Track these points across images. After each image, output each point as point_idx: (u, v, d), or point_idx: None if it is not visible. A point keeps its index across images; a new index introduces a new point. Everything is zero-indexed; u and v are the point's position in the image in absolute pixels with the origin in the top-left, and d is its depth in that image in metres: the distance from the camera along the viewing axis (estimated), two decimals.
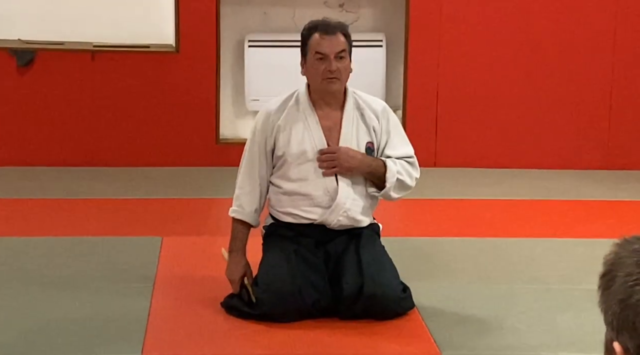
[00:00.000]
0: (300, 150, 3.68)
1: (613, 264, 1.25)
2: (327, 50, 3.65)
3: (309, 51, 3.68)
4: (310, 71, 3.69)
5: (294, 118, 3.70)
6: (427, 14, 6.06)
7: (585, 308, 3.80)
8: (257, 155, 3.73)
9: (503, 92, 6.15)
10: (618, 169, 6.12)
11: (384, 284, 3.63)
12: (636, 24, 6.10)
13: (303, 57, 3.72)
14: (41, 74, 5.97)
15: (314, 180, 3.68)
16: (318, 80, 3.67)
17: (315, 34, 3.68)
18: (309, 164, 3.68)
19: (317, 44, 3.66)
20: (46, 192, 5.44)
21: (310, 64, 3.68)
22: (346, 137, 3.70)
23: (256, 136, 3.74)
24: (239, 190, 3.78)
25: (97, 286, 3.99)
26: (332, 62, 3.64)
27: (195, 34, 6.00)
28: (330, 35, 3.67)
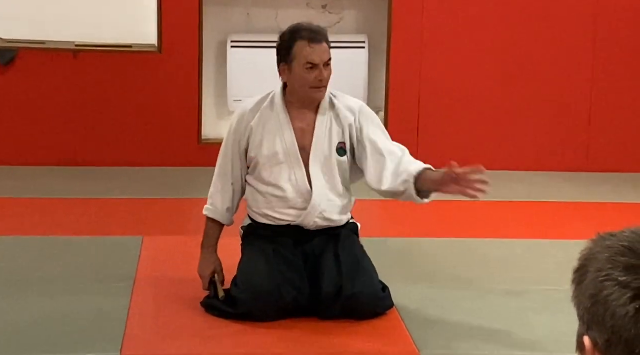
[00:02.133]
0: (271, 153, 3.68)
1: (586, 259, 1.28)
2: (318, 59, 3.62)
3: (296, 59, 3.62)
4: (296, 79, 3.65)
5: (267, 119, 3.70)
6: (410, 16, 6.08)
7: (562, 309, 3.81)
8: (231, 155, 3.74)
9: (484, 94, 6.18)
10: (598, 171, 6.16)
11: (363, 284, 3.64)
12: (616, 26, 6.14)
13: (285, 63, 3.67)
14: (23, 73, 5.96)
15: (286, 183, 3.69)
16: (305, 88, 3.65)
17: (301, 42, 3.63)
18: (281, 167, 3.68)
19: (308, 54, 3.62)
20: (26, 192, 5.43)
21: (298, 72, 3.63)
22: (319, 139, 3.70)
23: (231, 136, 3.75)
24: (213, 189, 3.81)
25: (77, 285, 3.98)
26: (323, 71, 3.63)
27: (178, 34, 6.00)
28: (318, 44, 3.64)
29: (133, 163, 6.01)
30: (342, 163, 3.73)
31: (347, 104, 3.76)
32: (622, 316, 1.21)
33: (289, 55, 3.64)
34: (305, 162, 3.70)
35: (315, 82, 3.63)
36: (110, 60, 5.99)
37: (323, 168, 3.71)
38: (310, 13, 6.24)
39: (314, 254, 3.71)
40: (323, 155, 3.71)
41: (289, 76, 3.67)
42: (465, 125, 6.19)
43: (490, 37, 6.12)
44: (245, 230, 3.83)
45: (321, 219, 3.70)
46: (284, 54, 3.66)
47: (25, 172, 5.81)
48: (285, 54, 3.66)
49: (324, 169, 3.71)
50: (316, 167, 3.70)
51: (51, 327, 3.57)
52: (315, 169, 3.70)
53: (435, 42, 6.13)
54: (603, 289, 1.23)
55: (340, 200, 3.75)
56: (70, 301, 3.82)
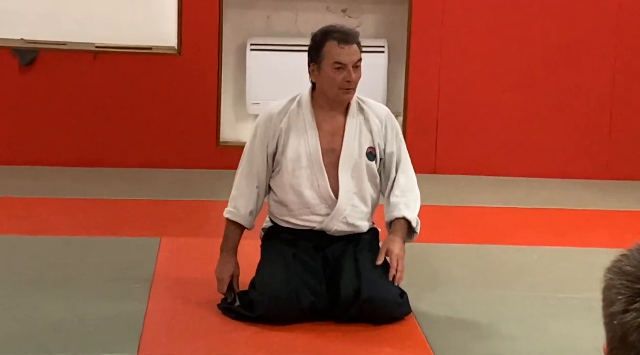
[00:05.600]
0: (295, 156, 3.66)
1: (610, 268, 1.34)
2: (347, 60, 3.60)
3: (325, 59, 3.61)
4: (325, 79, 3.63)
5: (295, 122, 3.68)
6: (430, 21, 6.07)
7: (580, 316, 3.81)
8: (258, 158, 3.69)
9: (504, 99, 6.16)
10: (618, 179, 6.13)
11: (381, 288, 3.63)
12: (637, 34, 6.12)
13: (315, 64, 3.65)
14: (43, 74, 5.99)
15: (308, 190, 3.66)
16: (334, 89, 3.63)
17: (332, 42, 3.61)
18: (302, 171, 3.66)
19: (337, 53, 3.60)
20: (46, 192, 5.45)
21: (327, 73, 3.61)
22: (349, 142, 3.68)
23: (257, 138, 3.70)
24: (235, 192, 3.76)
25: (95, 286, 3.99)
26: (352, 73, 3.60)
27: (197, 37, 6.02)
28: (349, 44, 3.61)
29: (152, 165, 6.03)
30: (371, 168, 3.72)
31: (375, 111, 3.76)
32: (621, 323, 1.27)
33: (318, 56, 3.62)
34: (334, 165, 3.67)
35: (344, 83, 3.61)
36: (130, 62, 6.01)
37: (352, 172, 3.69)
38: (330, 17, 6.24)
39: (334, 258, 3.70)
40: (353, 159, 3.69)
41: (317, 76, 3.65)
42: (484, 130, 6.18)
43: (510, 42, 6.10)
44: (266, 232, 3.82)
45: (344, 224, 3.69)
46: (314, 54, 3.64)
47: (44, 172, 5.83)
48: (315, 54, 3.64)
49: (353, 173, 3.69)
50: (346, 171, 3.68)
51: (68, 327, 3.58)
52: (345, 173, 3.68)
53: (454, 48, 6.11)
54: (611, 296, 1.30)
55: (365, 207, 3.73)
56: (88, 302, 3.83)
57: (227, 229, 3.77)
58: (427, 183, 6.00)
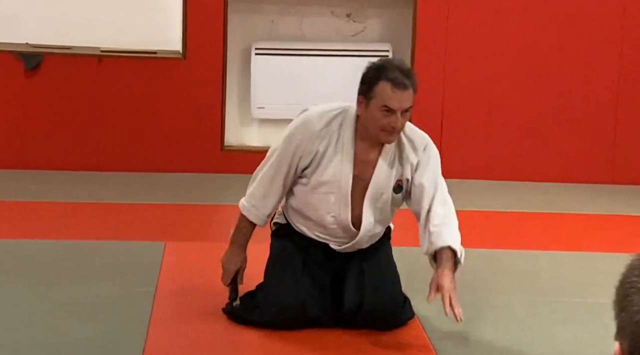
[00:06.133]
0: (325, 180, 3.51)
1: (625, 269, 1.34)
2: (397, 106, 3.41)
3: (375, 98, 3.41)
4: (369, 117, 3.45)
5: (333, 146, 3.50)
6: (434, 25, 6.07)
7: (586, 321, 3.81)
8: (286, 166, 3.54)
9: (508, 104, 6.16)
10: (623, 183, 6.13)
11: (384, 299, 3.61)
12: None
13: (363, 97, 3.45)
14: (48, 78, 6.00)
15: (329, 215, 3.56)
16: (376, 129, 3.45)
17: (385, 83, 3.41)
18: (329, 196, 3.53)
19: (388, 97, 3.40)
20: (50, 196, 5.45)
21: (373, 112, 3.43)
22: (379, 174, 3.54)
23: (291, 146, 3.52)
24: (257, 191, 3.60)
25: (99, 289, 3.99)
26: (399, 119, 3.43)
27: (202, 41, 6.02)
28: (402, 89, 3.42)
29: (156, 169, 6.03)
30: (396, 199, 3.62)
31: (413, 141, 3.61)
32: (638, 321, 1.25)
33: (370, 91, 3.43)
34: (360, 194, 3.54)
35: (388, 128, 3.44)
36: (135, 66, 6.01)
37: (377, 203, 3.58)
38: (334, 21, 6.25)
39: (342, 265, 3.66)
40: (380, 192, 3.56)
41: (363, 111, 3.46)
42: (489, 135, 6.18)
43: (515, 46, 6.10)
44: (278, 228, 3.72)
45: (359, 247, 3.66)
46: (366, 88, 3.45)
47: (48, 177, 5.84)
48: (366, 89, 3.44)
49: (377, 204, 3.58)
50: (371, 203, 3.56)
51: (72, 332, 3.58)
52: (370, 205, 3.56)
53: (459, 52, 6.11)
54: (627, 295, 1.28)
55: (383, 227, 3.68)
56: (92, 306, 3.82)
57: (241, 223, 3.65)
58: None
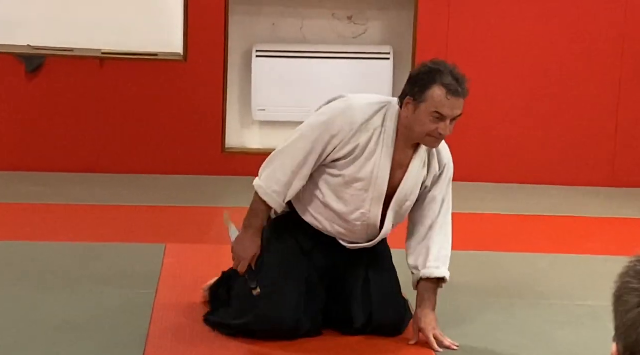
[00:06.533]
0: (361, 176, 3.41)
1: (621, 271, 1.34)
2: (449, 113, 3.34)
3: (426, 102, 3.33)
4: (417, 120, 3.36)
5: (374, 141, 3.40)
6: (435, 28, 6.08)
7: (585, 324, 3.81)
8: (320, 152, 3.38)
9: (509, 106, 6.16)
10: (624, 186, 6.13)
11: (392, 309, 3.59)
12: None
13: (412, 98, 3.36)
14: (49, 80, 6.00)
15: (357, 211, 3.45)
16: (422, 134, 3.36)
17: (441, 88, 3.33)
18: (361, 192, 3.42)
19: (442, 103, 3.32)
20: (51, 198, 5.46)
21: (422, 116, 3.34)
22: (409, 180, 3.47)
23: (329, 132, 3.37)
24: (280, 175, 3.39)
25: (100, 291, 4.00)
26: (447, 126, 3.35)
27: (203, 43, 6.03)
28: (456, 97, 3.36)
29: (157, 171, 6.03)
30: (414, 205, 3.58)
31: (441, 153, 3.55)
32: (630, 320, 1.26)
33: (421, 94, 3.34)
34: (388, 197, 3.47)
35: (435, 133, 3.36)
36: (136, 68, 6.02)
37: (401, 208, 3.52)
38: (335, 24, 6.25)
39: (344, 271, 3.60)
40: (406, 198, 3.50)
41: (410, 112, 3.37)
42: (489, 137, 6.18)
43: (516, 49, 6.10)
44: (281, 218, 3.56)
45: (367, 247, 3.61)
46: (417, 90, 3.36)
47: (49, 178, 5.84)
48: (418, 91, 3.36)
49: (401, 209, 3.52)
50: (394, 207, 3.49)
51: (72, 333, 3.58)
52: (392, 209, 3.49)
53: (460, 55, 6.11)
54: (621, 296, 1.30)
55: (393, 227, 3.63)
56: (92, 308, 3.83)
57: (257, 206, 3.45)
58: None
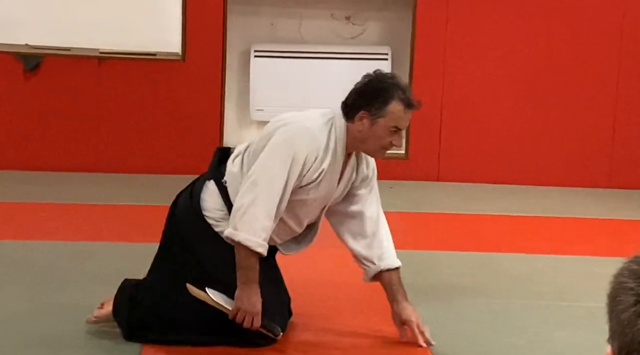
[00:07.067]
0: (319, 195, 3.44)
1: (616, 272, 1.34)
2: (404, 125, 3.41)
3: (385, 117, 3.35)
4: (374, 134, 3.37)
5: (333, 164, 3.41)
6: (433, 28, 6.08)
7: (583, 325, 3.81)
8: (290, 187, 3.34)
9: (507, 107, 6.16)
10: (621, 187, 6.13)
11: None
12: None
13: (369, 114, 3.36)
14: (47, 79, 6.00)
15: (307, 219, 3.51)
16: (377, 147, 3.40)
17: (399, 104, 3.35)
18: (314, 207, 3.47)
19: (400, 118, 3.36)
20: (49, 197, 5.45)
21: (379, 131, 3.36)
22: (342, 185, 3.52)
23: (298, 167, 3.33)
24: (264, 222, 3.30)
25: (97, 291, 3.99)
26: (401, 137, 3.42)
27: (201, 43, 6.03)
28: (411, 110, 3.40)
29: (154, 170, 6.03)
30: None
31: (367, 157, 3.57)
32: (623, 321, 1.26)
33: (379, 110, 3.35)
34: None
35: (389, 146, 3.40)
36: (134, 68, 6.02)
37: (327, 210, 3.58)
38: (334, 24, 6.25)
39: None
40: (336, 201, 3.56)
41: (366, 128, 3.37)
42: (488, 138, 6.18)
43: (514, 50, 6.11)
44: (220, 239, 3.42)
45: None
46: (375, 105, 3.36)
47: (47, 177, 5.84)
48: (375, 106, 3.36)
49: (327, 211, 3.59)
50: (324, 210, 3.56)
51: (71, 333, 3.58)
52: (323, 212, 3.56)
53: (458, 55, 6.12)
54: (617, 296, 1.30)
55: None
56: (89, 307, 3.82)
57: (249, 260, 3.32)
58: (430, 190, 6.01)
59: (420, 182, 6.13)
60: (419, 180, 6.14)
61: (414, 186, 6.05)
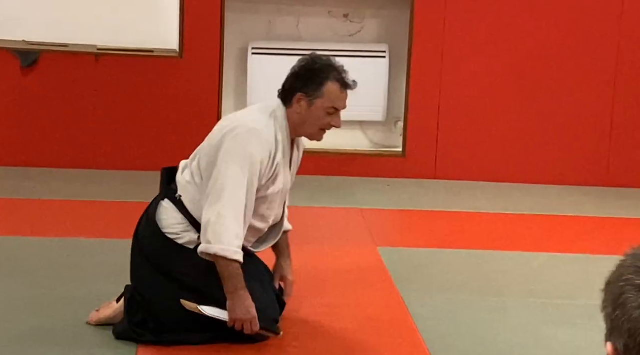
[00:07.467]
0: (279, 189, 3.47)
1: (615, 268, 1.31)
2: (342, 106, 3.45)
3: (322, 98, 3.41)
4: (311, 116, 3.42)
5: (283, 155, 3.44)
6: (431, 26, 6.08)
7: (579, 323, 3.81)
8: (254, 189, 3.35)
9: (505, 106, 6.17)
10: (618, 186, 6.14)
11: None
12: (639, 41, 6.12)
13: (306, 96, 3.42)
14: (44, 76, 5.99)
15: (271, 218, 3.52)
16: (315, 128, 3.45)
17: (335, 84, 3.43)
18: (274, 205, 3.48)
19: (337, 98, 3.43)
20: (46, 193, 5.45)
21: (316, 112, 3.42)
22: (293, 171, 3.57)
23: (256, 168, 3.34)
24: (236, 229, 3.30)
25: (95, 287, 3.99)
26: (339, 118, 3.47)
27: (199, 40, 6.02)
28: (347, 90, 3.47)
29: (152, 167, 6.02)
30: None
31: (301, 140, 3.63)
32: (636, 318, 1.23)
33: (316, 91, 3.42)
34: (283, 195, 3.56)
35: (327, 126, 3.46)
36: (132, 65, 6.01)
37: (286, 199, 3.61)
38: (331, 22, 6.25)
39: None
40: (291, 186, 3.60)
41: (304, 109, 3.43)
42: (485, 136, 6.18)
43: (512, 48, 6.11)
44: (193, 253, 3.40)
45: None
46: (311, 87, 3.43)
47: (44, 174, 5.83)
48: (311, 88, 3.43)
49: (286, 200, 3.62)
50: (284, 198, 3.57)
51: (67, 330, 3.58)
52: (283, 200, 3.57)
53: (456, 53, 6.12)
54: (622, 293, 1.27)
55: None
56: (88, 304, 3.82)
57: (231, 269, 3.31)
58: (427, 188, 6.01)
59: (417, 179, 6.13)
60: (416, 178, 6.15)
61: (411, 184, 6.06)
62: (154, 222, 3.49)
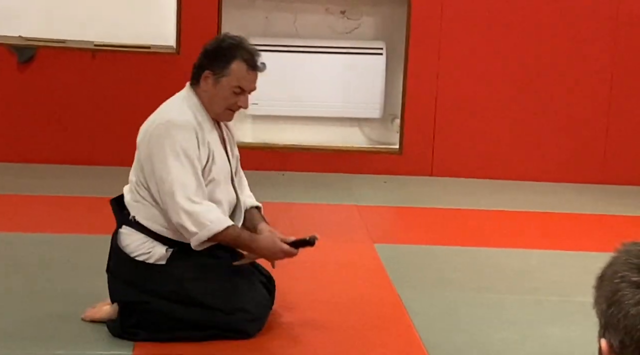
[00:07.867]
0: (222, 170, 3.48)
1: (607, 265, 1.31)
2: (249, 87, 3.43)
3: (228, 77, 3.39)
4: (218, 94, 3.41)
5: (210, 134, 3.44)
6: (428, 23, 6.08)
7: (576, 320, 3.82)
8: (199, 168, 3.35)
9: (501, 102, 6.17)
10: (614, 183, 6.15)
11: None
12: (635, 38, 6.13)
13: (212, 73, 3.40)
14: (41, 72, 5.99)
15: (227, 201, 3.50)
16: (222, 107, 3.43)
17: (242, 63, 3.40)
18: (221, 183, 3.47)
19: (243, 77, 3.40)
20: (43, 189, 5.45)
21: (222, 91, 3.40)
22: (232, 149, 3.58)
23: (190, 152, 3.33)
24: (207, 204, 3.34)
25: (92, 283, 3.99)
26: (247, 99, 3.46)
27: (196, 36, 6.02)
28: (256, 71, 3.43)
29: None
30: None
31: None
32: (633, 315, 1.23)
33: (222, 69, 3.40)
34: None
35: (235, 107, 3.44)
36: (129, 61, 6.01)
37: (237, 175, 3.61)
38: (329, 18, 6.25)
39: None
40: (235, 166, 3.59)
41: (210, 86, 3.42)
42: (481, 133, 6.19)
43: (509, 45, 6.11)
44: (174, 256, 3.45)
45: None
46: (218, 64, 3.41)
47: (40, 170, 5.83)
48: (218, 65, 3.41)
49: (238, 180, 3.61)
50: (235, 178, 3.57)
51: (63, 325, 3.58)
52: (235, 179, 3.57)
53: (452, 50, 6.12)
54: (618, 290, 1.27)
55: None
56: (82, 300, 3.82)
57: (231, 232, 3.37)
58: (424, 185, 6.02)
59: (414, 176, 6.14)
60: (413, 175, 6.15)
61: (407, 181, 6.06)
62: (120, 251, 3.51)
